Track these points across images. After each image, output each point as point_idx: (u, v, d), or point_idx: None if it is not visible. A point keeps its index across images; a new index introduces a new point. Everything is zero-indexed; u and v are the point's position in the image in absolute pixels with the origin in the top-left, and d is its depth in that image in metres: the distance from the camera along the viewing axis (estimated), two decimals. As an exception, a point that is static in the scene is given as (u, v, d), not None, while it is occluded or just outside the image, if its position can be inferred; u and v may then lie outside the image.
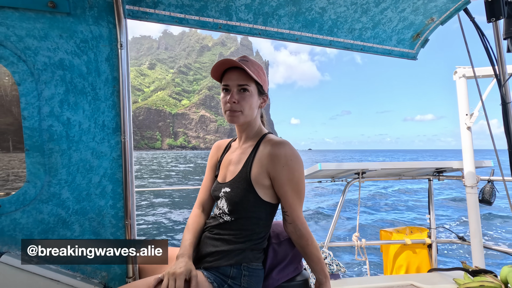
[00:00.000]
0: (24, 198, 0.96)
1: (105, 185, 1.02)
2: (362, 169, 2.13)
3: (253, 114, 1.07)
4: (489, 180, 2.08)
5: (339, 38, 1.42)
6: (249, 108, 1.04)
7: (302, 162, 1.03)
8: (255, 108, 1.06)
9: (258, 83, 1.05)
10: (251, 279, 0.99)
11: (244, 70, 1.01)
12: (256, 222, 1.02)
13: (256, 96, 1.06)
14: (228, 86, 1.03)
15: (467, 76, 2.01)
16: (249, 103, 1.03)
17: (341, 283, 1.50)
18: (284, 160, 0.98)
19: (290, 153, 0.98)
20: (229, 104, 1.02)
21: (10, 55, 0.93)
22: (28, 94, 0.94)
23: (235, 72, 1.02)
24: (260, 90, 1.08)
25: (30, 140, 0.95)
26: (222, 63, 1.02)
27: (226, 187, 1.04)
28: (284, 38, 1.34)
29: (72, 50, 0.98)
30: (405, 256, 2.36)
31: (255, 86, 1.05)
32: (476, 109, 1.95)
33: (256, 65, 1.07)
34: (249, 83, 1.02)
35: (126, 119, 1.02)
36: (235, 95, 1.01)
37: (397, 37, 1.50)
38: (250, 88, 1.03)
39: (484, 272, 1.54)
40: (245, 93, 1.02)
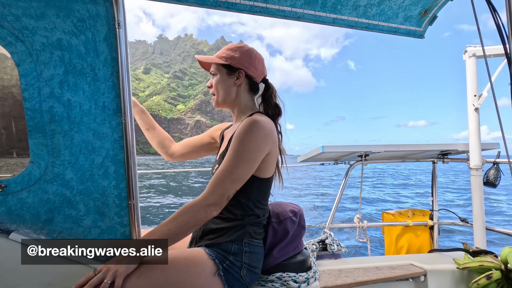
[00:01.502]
0: (29, 178, 0.98)
1: (108, 166, 1.03)
2: (365, 151, 2.12)
3: (227, 94, 1.14)
4: (495, 162, 2.06)
5: (343, 16, 1.37)
6: (220, 89, 1.14)
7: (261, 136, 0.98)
8: (227, 88, 1.13)
9: (224, 64, 1.13)
10: (252, 256, 1.02)
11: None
12: (245, 196, 1.03)
13: (225, 76, 1.13)
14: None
15: (478, 55, 1.95)
16: (220, 84, 1.13)
17: (341, 262, 1.53)
18: (240, 128, 1.01)
19: (248, 124, 0.99)
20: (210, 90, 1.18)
21: (8, 35, 0.92)
22: (28, 75, 0.94)
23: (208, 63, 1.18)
24: (229, 69, 1.13)
25: (32, 121, 0.96)
26: (199, 62, 1.20)
27: (217, 164, 1.11)
28: (286, 16, 1.30)
29: (69, 29, 0.96)
30: (406, 238, 2.38)
31: (222, 68, 1.13)
32: (485, 90, 1.90)
33: (229, 48, 1.15)
34: (215, 67, 1.15)
35: (127, 100, 1.01)
36: (210, 80, 1.16)
37: (404, 14, 1.44)
38: (216, 70, 1.14)
39: (484, 252, 1.56)
40: (214, 77, 1.15)
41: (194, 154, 1.41)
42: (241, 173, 0.95)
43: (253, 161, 0.97)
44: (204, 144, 1.39)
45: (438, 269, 1.47)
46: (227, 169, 0.94)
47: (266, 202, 1.11)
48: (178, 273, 0.88)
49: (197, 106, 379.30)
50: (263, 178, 1.05)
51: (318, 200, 10.42)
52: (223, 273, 0.95)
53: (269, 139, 1.01)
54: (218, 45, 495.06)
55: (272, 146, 1.03)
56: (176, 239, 0.88)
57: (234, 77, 1.13)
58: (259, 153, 0.98)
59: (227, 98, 1.15)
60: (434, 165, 2.39)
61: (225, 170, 0.94)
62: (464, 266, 1.46)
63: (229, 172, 0.94)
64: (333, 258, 1.58)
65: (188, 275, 0.89)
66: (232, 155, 0.96)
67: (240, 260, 0.99)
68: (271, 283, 1.11)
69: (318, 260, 1.54)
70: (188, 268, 0.90)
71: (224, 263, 0.97)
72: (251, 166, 0.97)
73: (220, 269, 0.95)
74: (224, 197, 0.93)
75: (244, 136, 0.97)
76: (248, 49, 1.14)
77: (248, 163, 0.96)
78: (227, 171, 0.94)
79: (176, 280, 0.87)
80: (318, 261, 1.52)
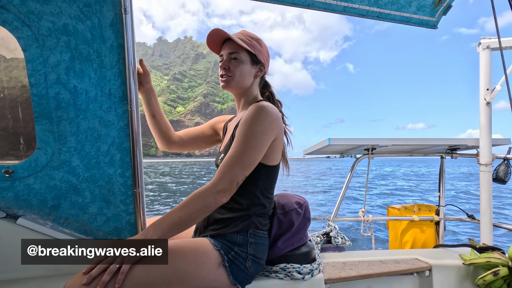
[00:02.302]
0: (36, 164, 0.99)
1: (114, 153, 1.03)
2: (372, 144, 2.09)
3: (245, 81, 1.12)
4: (505, 158, 2.01)
5: (354, 4, 1.33)
6: (240, 75, 1.09)
7: (268, 121, 0.98)
8: (247, 75, 1.11)
9: (250, 52, 1.09)
10: (257, 247, 1.02)
11: (234, 41, 1.07)
12: (252, 184, 1.03)
13: (248, 64, 1.11)
14: (222, 56, 1.12)
15: (492, 47, 1.88)
16: (239, 69, 1.09)
17: (346, 255, 1.53)
18: (247, 113, 1.00)
19: (256, 109, 0.98)
20: (220, 70, 1.11)
21: (14, 20, 0.91)
22: (34, 60, 0.94)
23: (228, 43, 1.11)
24: (254, 59, 1.11)
25: (38, 107, 0.96)
26: (212, 34, 1.09)
27: (222, 154, 1.08)
28: (295, 3, 1.26)
29: (75, 15, 0.95)
30: (411, 233, 2.36)
31: (246, 55, 1.10)
32: (498, 84, 1.85)
33: (251, 36, 1.12)
34: (240, 51, 1.08)
35: (132, 88, 1.00)
36: (226, 62, 1.09)
37: (417, 3, 1.40)
38: (240, 55, 1.08)
39: (491, 249, 1.53)
40: (236, 61, 1.09)
41: (194, 145, 1.37)
42: (250, 159, 0.94)
43: (261, 146, 0.96)
44: (205, 135, 1.36)
45: (444, 264, 1.45)
46: (236, 155, 0.93)
47: (272, 191, 1.11)
48: (183, 263, 0.88)
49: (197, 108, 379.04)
50: (270, 165, 1.05)
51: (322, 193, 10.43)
52: (228, 264, 0.95)
53: (276, 125, 1.00)
54: None
55: (279, 132, 1.02)
56: (186, 226, 0.88)
57: (255, 69, 1.13)
58: (267, 137, 0.98)
59: (242, 86, 1.12)
60: (442, 160, 2.35)
61: (234, 156, 0.93)
62: (471, 262, 1.44)
63: (238, 158, 0.93)
64: (337, 251, 1.58)
65: (193, 265, 0.89)
66: (240, 141, 0.95)
67: (245, 251, 0.99)
68: (275, 274, 1.11)
69: (322, 253, 1.53)
70: (194, 258, 0.90)
71: (229, 254, 0.97)
72: (259, 151, 0.96)
73: (225, 260, 0.95)
74: (234, 183, 0.92)
75: (252, 121, 0.96)
76: (264, 44, 1.16)
77: (257, 148, 0.95)
78: (236, 157, 0.93)
79: (181, 269, 0.87)
80: (322, 254, 1.51)
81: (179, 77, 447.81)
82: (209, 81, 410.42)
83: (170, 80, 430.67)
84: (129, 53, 0.99)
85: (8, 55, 1.01)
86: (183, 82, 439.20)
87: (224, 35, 1.08)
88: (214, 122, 1.36)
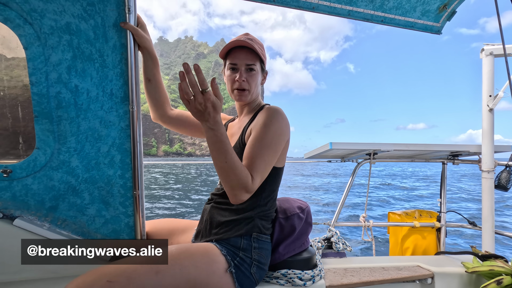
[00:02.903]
0: (35, 164, 0.97)
1: (114, 154, 1.02)
2: (374, 149, 2.08)
3: (257, 91, 1.11)
4: (507, 165, 2.00)
5: (359, 8, 1.33)
6: (255, 86, 1.08)
7: (284, 123, 1.01)
8: (259, 85, 1.10)
9: (261, 60, 1.08)
10: (261, 252, 1.00)
11: (250, 49, 1.04)
12: (261, 186, 1.02)
13: (260, 74, 1.10)
14: (236, 65, 1.05)
15: (495, 54, 1.88)
16: (255, 81, 1.07)
17: (346, 261, 1.51)
18: (264, 116, 0.99)
19: (273, 112, 1.00)
20: (238, 83, 1.04)
21: (16, 17, 0.90)
22: (36, 59, 0.92)
23: (243, 51, 1.05)
24: (263, 67, 1.11)
25: (38, 106, 0.94)
26: (233, 43, 1.04)
27: None
28: (300, 6, 1.26)
29: (78, 13, 0.94)
30: (412, 239, 2.34)
31: (259, 64, 1.08)
32: (501, 90, 1.84)
33: (259, 43, 1.10)
34: (255, 62, 1.06)
35: (134, 88, 0.99)
36: (243, 73, 1.04)
37: (422, 8, 1.39)
38: (256, 67, 1.06)
39: (494, 257, 1.52)
40: (252, 72, 1.06)
41: (186, 129, 1.30)
42: (271, 160, 0.96)
43: (280, 147, 0.99)
44: (199, 124, 1.28)
45: (446, 271, 1.43)
46: (261, 157, 0.92)
47: (276, 193, 1.11)
48: (196, 271, 0.86)
49: None
50: (279, 167, 1.06)
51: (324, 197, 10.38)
52: (234, 270, 0.93)
53: (289, 127, 1.04)
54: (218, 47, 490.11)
55: (289, 135, 1.05)
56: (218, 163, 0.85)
57: (262, 76, 1.13)
58: (283, 139, 1.00)
59: (253, 97, 1.11)
60: (444, 166, 2.33)
61: (260, 159, 0.92)
62: (473, 270, 1.42)
63: (263, 160, 0.93)
64: (338, 257, 1.55)
65: (205, 273, 0.87)
66: (262, 144, 0.94)
67: (250, 257, 0.97)
68: (276, 280, 1.09)
69: (323, 258, 1.51)
70: (205, 266, 0.88)
71: (235, 259, 0.95)
72: (277, 153, 0.98)
73: (232, 266, 0.93)
74: (258, 184, 0.92)
75: (271, 124, 0.97)
76: None
77: (276, 150, 0.97)
78: (261, 160, 0.92)
79: (193, 277, 0.85)
80: (323, 259, 1.49)
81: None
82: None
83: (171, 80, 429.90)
84: (132, 53, 0.98)
85: (9, 54, 0.99)
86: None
87: (248, 46, 1.03)
88: None
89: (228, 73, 1.08)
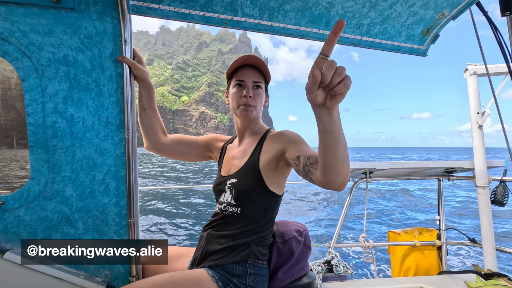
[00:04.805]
0: (28, 195, 0.95)
1: (109, 182, 1.01)
2: (369, 168, 2.09)
3: (261, 110, 1.13)
4: (502, 181, 2.02)
5: (347, 34, 1.39)
6: (260, 104, 1.10)
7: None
8: (262, 105, 1.13)
9: (266, 81, 1.12)
10: (256, 278, 0.97)
11: (257, 68, 1.08)
12: (261, 213, 1.02)
13: (264, 94, 1.12)
14: (243, 81, 1.07)
15: (479, 73, 1.96)
16: (261, 99, 1.10)
17: (348, 284, 1.47)
18: (288, 134, 1.01)
19: (279, 132, 1.05)
20: (244, 99, 1.06)
21: (14, 51, 0.92)
22: (32, 90, 0.94)
23: (250, 69, 1.08)
24: (267, 88, 1.15)
25: (34, 136, 0.95)
26: (244, 60, 1.07)
27: (232, 178, 1.05)
28: (291, 34, 1.32)
29: (76, 46, 0.97)
30: (413, 258, 2.30)
31: (264, 84, 1.11)
32: (488, 107, 1.90)
33: (265, 64, 1.13)
34: (262, 81, 1.09)
35: (130, 116, 1.00)
36: (251, 90, 1.07)
37: (407, 33, 1.46)
38: (262, 85, 1.10)
39: (497, 275, 1.49)
40: (258, 90, 1.09)
41: (184, 155, 1.26)
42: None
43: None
44: (198, 147, 1.28)
45: None
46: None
47: (274, 219, 1.10)
48: None
49: (202, 98, 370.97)
50: (279, 195, 1.06)
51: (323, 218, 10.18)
52: None
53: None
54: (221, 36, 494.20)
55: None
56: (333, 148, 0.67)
57: (265, 97, 1.15)
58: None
59: (257, 115, 1.13)
60: (440, 183, 2.34)
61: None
62: (477, 290, 1.40)
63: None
64: (339, 280, 1.52)
65: None
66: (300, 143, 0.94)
67: (244, 283, 0.94)
68: (276, 308, 1.05)
69: (324, 283, 1.47)
70: None
71: (227, 285, 0.92)
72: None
73: None
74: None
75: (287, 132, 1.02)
76: None
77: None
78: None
79: None
80: (324, 284, 1.45)
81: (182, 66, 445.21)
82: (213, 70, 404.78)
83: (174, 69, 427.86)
84: (127, 82, 1.00)
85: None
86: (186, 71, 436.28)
87: (258, 65, 1.08)
88: (210, 139, 1.29)
89: (234, 90, 1.08)
